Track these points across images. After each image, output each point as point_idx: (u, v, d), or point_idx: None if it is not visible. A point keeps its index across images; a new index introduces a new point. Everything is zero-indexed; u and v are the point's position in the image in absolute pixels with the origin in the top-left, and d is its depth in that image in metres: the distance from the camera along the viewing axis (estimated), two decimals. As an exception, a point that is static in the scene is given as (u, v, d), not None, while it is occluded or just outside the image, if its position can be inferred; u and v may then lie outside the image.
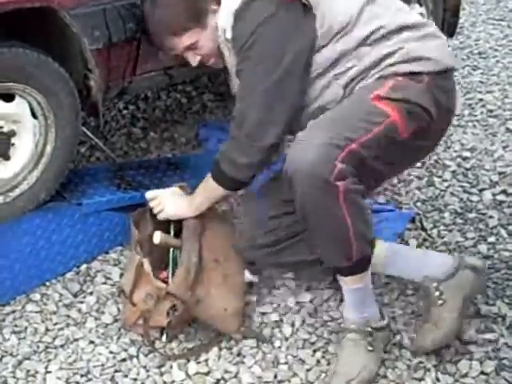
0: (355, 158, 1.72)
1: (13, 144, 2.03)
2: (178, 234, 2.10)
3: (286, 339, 2.07)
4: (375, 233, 1.95)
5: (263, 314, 2.16)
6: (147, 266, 1.97)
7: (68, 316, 2.16)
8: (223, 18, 1.88)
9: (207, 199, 2.04)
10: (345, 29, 1.86)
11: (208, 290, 2.01)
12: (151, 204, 2.10)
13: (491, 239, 2.45)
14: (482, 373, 1.94)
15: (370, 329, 1.91)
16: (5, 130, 1.99)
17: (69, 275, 2.30)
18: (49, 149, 2.11)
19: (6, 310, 2.18)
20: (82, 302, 2.21)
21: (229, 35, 1.88)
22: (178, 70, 2.41)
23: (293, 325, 2.11)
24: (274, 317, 2.14)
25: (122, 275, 2.26)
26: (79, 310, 2.18)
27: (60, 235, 2.24)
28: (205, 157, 2.85)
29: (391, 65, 1.84)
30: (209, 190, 2.02)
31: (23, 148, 2.06)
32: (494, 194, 2.67)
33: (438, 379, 1.92)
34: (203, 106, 3.38)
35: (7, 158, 2.03)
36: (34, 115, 2.05)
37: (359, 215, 1.77)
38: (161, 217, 2.08)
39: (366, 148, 1.74)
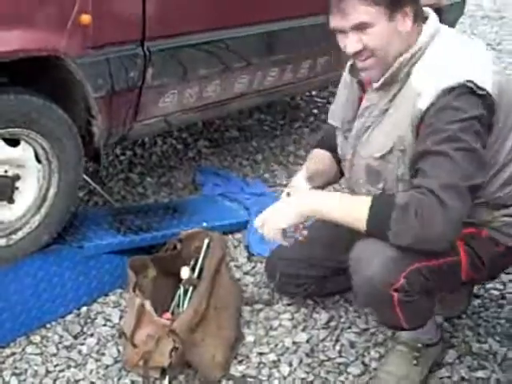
0: (419, 274, 1.77)
1: (17, 188, 2.10)
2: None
3: (284, 378, 2.10)
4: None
5: (261, 354, 2.19)
6: (149, 307, 2.01)
7: (68, 358, 2.18)
8: (425, 85, 1.74)
9: (341, 219, 1.83)
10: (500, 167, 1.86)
11: (203, 336, 2.06)
12: (260, 231, 1.97)
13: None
14: (475, 409, 1.99)
15: (419, 345, 2.01)
16: (10, 174, 2.06)
17: (69, 317, 2.33)
18: (52, 192, 2.18)
19: (5, 352, 2.19)
20: (82, 344, 2.23)
21: (423, 105, 1.73)
22: (176, 117, 2.50)
23: (290, 364, 2.15)
24: (272, 357, 2.18)
25: (121, 317, 2.30)
26: (80, 352, 2.20)
27: (61, 278, 2.28)
28: (202, 201, 2.93)
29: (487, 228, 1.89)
30: (350, 216, 1.80)
31: (27, 192, 2.12)
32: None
33: (433, 417, 1.97)
34: (198, 152, 3.46)
35: (11, 201, 2.10)
36: (38, 160, 2.11)
37: (411, 309, 1.83)
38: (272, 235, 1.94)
39: (433, 270, 1.79)
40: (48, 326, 2.30)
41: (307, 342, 2.24)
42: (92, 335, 2.27)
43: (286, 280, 2.33)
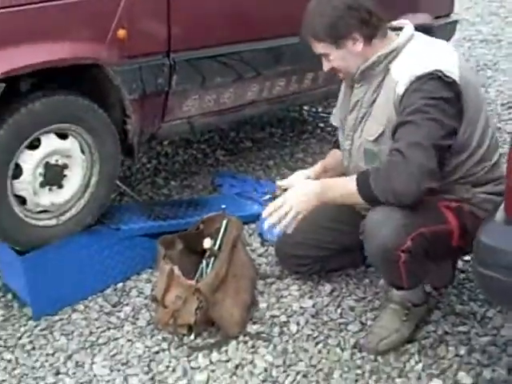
0: (423, 238, 2.14)
1: (65, 175, 2.49)
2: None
3: (293, 335, 2.46)
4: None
5: (273, 316, 2.55)
6: (177, 271, 2.38)
7: (108, 321, 2.56)
8: (403, 72, 2.14)
9: (341, 199, 2.24)
10: (474, 149, 2.22)
11: (223, 297, 2.42)
12: (277, 209, 2.23)
13: (466, 257, 2.86)
14: (457, 355, 2.32)
15: (409, 304, 2.37)
16: (60, 163, 2.45)
17: (107, 291, 2.71)
18: (94, 180, 2.57)
19: (54, 318, 2.58)
20: (119, 311, 2.61)
21: (400, 90, 2.13)
22: (197, 120, 2.90)
23: (298, 324, 2.51)
24: (282, 318, 2.54)
25: (152, 290, 2.67)
26: (118, 317, 2.58)
27: (101, 255, 2.66)
28: (220, 198, 3.31)
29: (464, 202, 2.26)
30: (348, 193, 2.19)
31: (73, 179, 2.51)
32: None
33: (420, 360, 2.30)
34: (216, 159, 3.86)
35: (61, 186, 2.48)
36: (82, 152, 2.51)
37: (414, 271, 2.21)
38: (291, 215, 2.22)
39: (434, 235, 2.17)
40: (89, 298, 2.68)
41: (313, 306, 2.60)
42: (127, 304, 2.65)
43: (294, 261, 2.70)
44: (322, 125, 4.38)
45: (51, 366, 2.35)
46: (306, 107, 4.59)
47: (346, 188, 2.22)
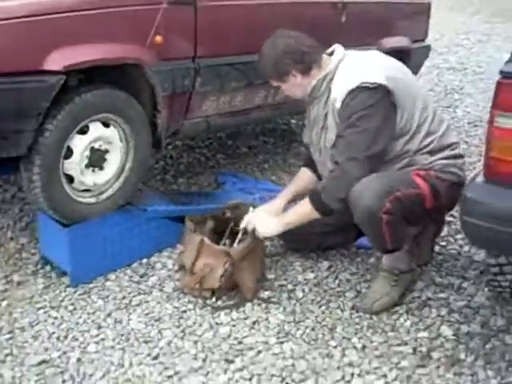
0: (399, 201, 2.60)
1: (106, 159, 2.88)
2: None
3: (299, 299, 2.87)
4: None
5: (281, 285, 2.97)
6: (208, 241, 2.80)
7: (138, 288, 2.94)
8: (338, 90, 2.67)
9: (299, 221, 2.78)
10: (417, 127, 2.73)
11: (247, 266, 2.83)
12: (243, 224, 2.86)
13: (442, 243, 3.32)
14: (439, 315, 2.76)
15: (397, 271, 2.80)
16: (102, 148, 2.84)
17: (134, 265, 3.10)
18: (128, 166, 2.96)
19: (90, 285, 2.95)
20: (147, 281, 2.99)
21: (338, 105, 2.67)
22: (213, 119, 3.32)
23: (303, 291, 2.93)
24: (289, 287, 2.96)
25: (174, 264, 3.06)
26: (146, 285, 2.96)
27: (131, 233, 3.05)
28: (225, 193, 3.72)
29: (431, 170, 2.74)
30: (303, 214, 2.74)
31: (112, 163, 2.90)
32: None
33: (408, 319, 2.74)
34: (217, 162, 4.29)
35: (102, 168, 2.87)
36: (120, 140, 2.91)
37: (395, 231, 2.64)
38: (259, 235, 2.83)
39: (408, 198, 2.63)
40: (118, 270, 3.05)
41: (314, 278, 3.02)
42: (153, 275, 3.03)
43: (294, 237, 3.10)
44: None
45: (93, 322, 2.72)
46: (293, 120, 5.06)
47: (302, 214, 2.77)
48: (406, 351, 2.55)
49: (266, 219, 2.84)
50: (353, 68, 2.73)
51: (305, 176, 3.07)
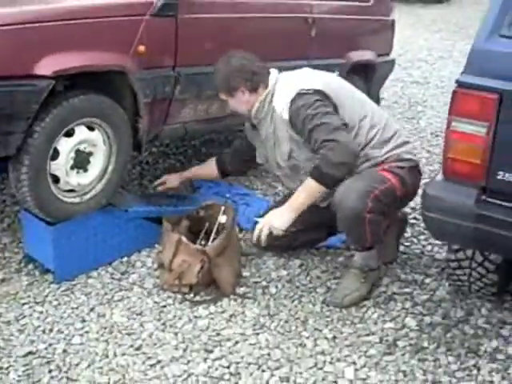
0: (378, 199, 2.81)
1: (89, 161, 3.02)
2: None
3: (273, 295, 3.05)
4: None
5: (255, 282, 3.14)
6: (185, 240, 2.96)
7: (120, 284, 3.08)
8: (281, 104, 2.94)
9: (308, 199, 2.88)
10: (355, 128, 2.96)
11: (223, 262, 2.99)
12: (257, 233, 2.97)
13: (407, 243, 3.53)
14: (403, 308, 2.96)
15: (366, 268, 2.99)
16: (87, 150, 2.98)
17: (115, 263, 3.23)
18: (110, 168, 3.11)
19: (72, 282, 3.08)
20: (127, 278, 3.14)
21: (286, 115, 2.92)
22: (191, 125, 3.49)
23: (276, 287, 3.10)
24: (264, 283, 3.13)
25: (153, 262, 3.21)
26: (127, 282, 3.10)
27: (112, 232, 3.19)
28: (199, 196, 3.88)
29: (389, 161, 2.97)
30: (309, 192, 2.86)
31: (96, 165, 3.04)
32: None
33: (375, 312, 2.93)
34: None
35: (86, 170, 3.01)
36: (104, 143, 3.05)
37: (375, 229, 2.85)
38: (276, 233, 2.94)
39: (384, 194, 2.84)
40: (100, 268, 3.19)
41: (287, 275, 3.20)
42: (134, 273, 3.18)
43: (268, 237, 3.24)
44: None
45: (77, 315, 2.86)
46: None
47: (308, 192, 2.88)
48: (374, 341, 2.74)
49: (275, 213, 2.96)
50: (288, 83, 3.01)
51: (211, 165, 3.49)
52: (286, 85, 3.00)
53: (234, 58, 3.06)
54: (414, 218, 3.78)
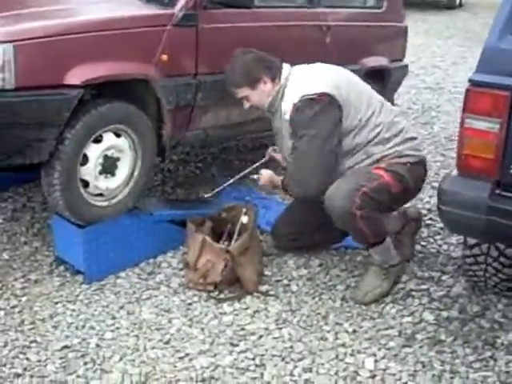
0: (368, 196, 2.91)
1: (117, 166, 3.16)
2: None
3: (294, 292, 3.16)
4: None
5: (277, 281, 3.25)
6: (209, 239, 3.08)
7: (147, 284, 3.21)
8: (286, 104, 3.03)
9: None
10: (357, 127, 3.05)
11: (245, 261, 3.11)
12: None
13: (423, 243, 3.63)
14: (421, 304, 3.06)
15: (386, 265, 3.09)
16: (114, 156, 3.12)
17: (141, 264, 3.36)
18: (136, 173, 3.24)
19: (102, 282, 3.21)
20: (154, 278, 3.26)
21: (287, 117, 3.02)
22: (212, 131, 3.62)
23: (298, 285, 3.21)
24: (285, 282, 3.24)
25: (179, 262, 3.34)
26: (154, 282, 3.23)
27: (138, 234, 3.32)
28: (220, 200, 4.00)
29: (389, 158, 3.07)
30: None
31: (122, 170, 3.18)
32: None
33: (394, 307, 3.03)
34: (212, 175, 4.57)
35: (113, 175, 3.15)
36: (130, 148, 3.19)
37: (372, 224, 2.94)
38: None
39: (374, 191, 2.94)
40: (127, 269, 3.32)
41: (308, 274, 3.31)
42: (160, 273, 3.30)
43: (286, 237, 3.37)
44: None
45: (107, 313, 2.99)
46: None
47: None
48: (393, 334, 2.84)
49: (273, 177, 3.29)
50: (298, 82, 3.07)
51: None
52: (295, 84, 3.06)
53: (245, 53, 3.14)
54: (430, 219, 3.88)
